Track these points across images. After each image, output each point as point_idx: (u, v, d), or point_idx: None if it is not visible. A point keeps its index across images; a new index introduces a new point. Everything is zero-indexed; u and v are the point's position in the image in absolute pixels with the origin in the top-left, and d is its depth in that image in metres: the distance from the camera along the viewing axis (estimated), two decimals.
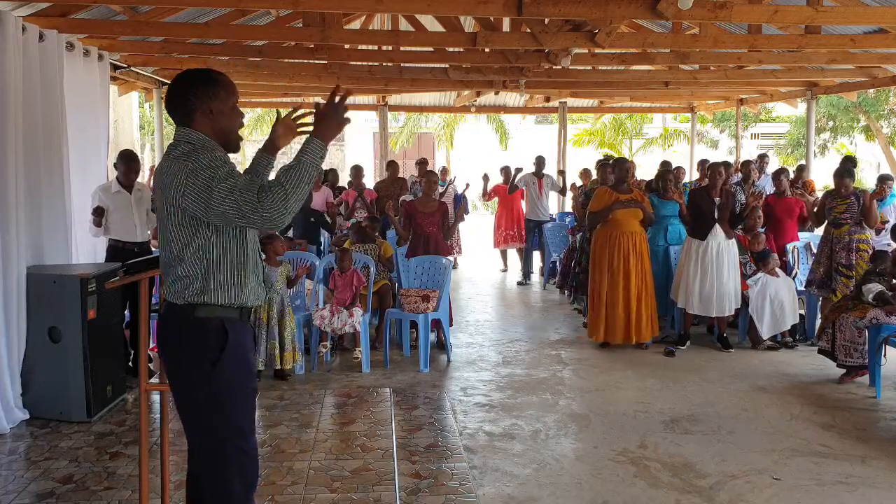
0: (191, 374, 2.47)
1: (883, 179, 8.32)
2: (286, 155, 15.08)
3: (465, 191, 10.63)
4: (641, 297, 6.54)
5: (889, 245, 7.48)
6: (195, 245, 2.42)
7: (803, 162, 11.00)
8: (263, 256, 5.82)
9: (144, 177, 14.25)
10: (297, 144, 2.57)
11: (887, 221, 7.53)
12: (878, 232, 7.04)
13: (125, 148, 6.18)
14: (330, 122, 2.45)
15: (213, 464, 2.50)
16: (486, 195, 11.40)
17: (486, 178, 11.17)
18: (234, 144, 2.58)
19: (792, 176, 8.21)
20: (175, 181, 2.36)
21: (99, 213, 5.58)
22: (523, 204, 10.77)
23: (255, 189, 2.32)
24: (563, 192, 11.31)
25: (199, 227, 2.41)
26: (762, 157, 10.11)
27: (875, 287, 5.52)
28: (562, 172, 11.97)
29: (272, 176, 2.50)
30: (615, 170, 6.99)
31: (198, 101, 2.47)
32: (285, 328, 5.57)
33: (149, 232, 6.20)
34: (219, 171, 2.36)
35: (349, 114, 2.50)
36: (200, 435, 2.52)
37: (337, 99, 2.47)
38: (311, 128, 2.50)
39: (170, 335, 2.52)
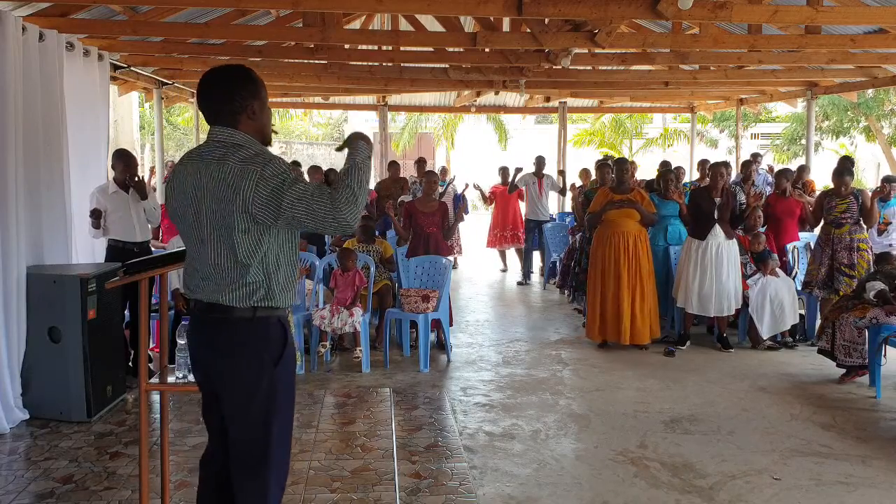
0: (255, 373, 2.45)
1: (888, 181, 8.32)
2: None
3: (464, 191, 10.63)
4: (635, 298, 6.52)
5: (891, 246, 7.49)
6: (262, 251, 2.42)
7: (804, 163, 11.00)
8: None
9: (145, 177, 14.28)
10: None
11: (890, 223, 7.53)
12: (880, 233, 7.04)
13: (121, 147, 6.16)
14: (355, 139, 2.53)
15: (257, 466, 2.48)
16: (487, 199, 11.43)
17: (476, 187, 11.26)
18: (269, 140, 2.59)
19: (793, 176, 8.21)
20: (244, 186, 2.34)
21: (97, 216, 5.57)
22: (522, 205, 10.78)
23: (327, 193, 2.34)
24: (562, 192, 11.32)
25: (265, 233, 2.40)
26: (755, 157, 10.12)
27: (878, 285, 5.52)
28: (561, 172, 11.98)
29: None
30: (614, 170, 6.99)
31: (243, 101, 2.45)
32: None
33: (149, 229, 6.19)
34: (287, 176, 2.36)
35: (351, 114, 2.60)
36: (252, 435, 2.47)
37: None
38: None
39: (230, 337, 2.46)
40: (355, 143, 2.48)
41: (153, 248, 6.33)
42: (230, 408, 2.50)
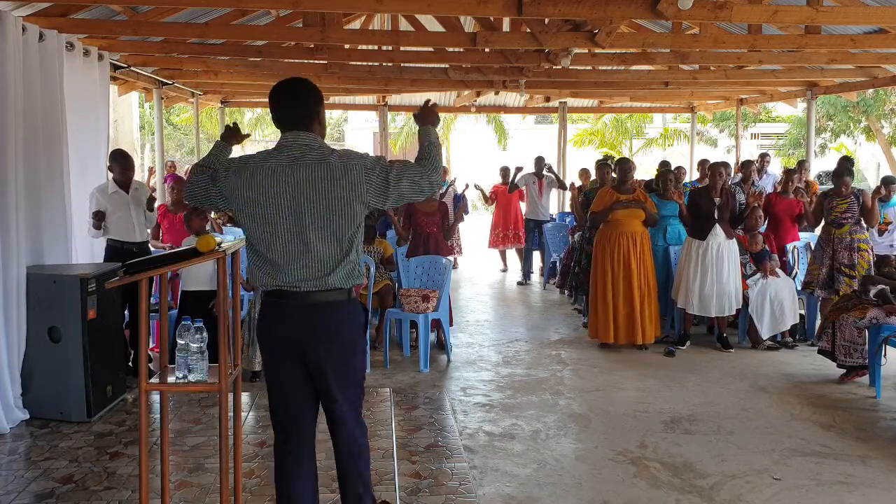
0: (360, 346, 2.90)
1: (887, 182, 8.34)
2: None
3: (464, 191, 10.63)
4: (644, 298, 6.53)
5: (892, 247, 7.51)
6: (358, 237, 2.81)
7: (804, 158, 11.01)
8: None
9: (144, 177, 14.27)
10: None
11: (891, 223, 7.53)
12: (880, 233, 7.04)
13: (117, 148, 6.17)
14: (430, 116, 3.09)
15: (362, 428, 2.98)
16: (488, 199, 11.43)
17: (477, 187, 11.28)
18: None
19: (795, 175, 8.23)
20: (356, 179, 2.71)
21: (99, 217, 5.58)
22: (522, 205, 10.78)
23: (415, 166, 2.86)
24: (562, 185, 11.19)
25: (361, 219, 2.81)
26: (763, 157, 10.12)
27: (880, 284, 5.54)
28: (549, 168, 11.89)
29: None
30: (617, 170, 6.99)
31: (320, 111, 2.84)
32: None
33: (148, 231, 6.20)
34: (382, 161, 2.82)
35: (351, 114, 2.84)
36: (357, 401, 2.93)
37: (429, 104, 3.16)
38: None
39: (342, 316, 2.80)
40: (426, 130, 3.01)
41: (153, 248, 6.33)
42: (340, 382, 2.84)
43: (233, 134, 3.23)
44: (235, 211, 2.83)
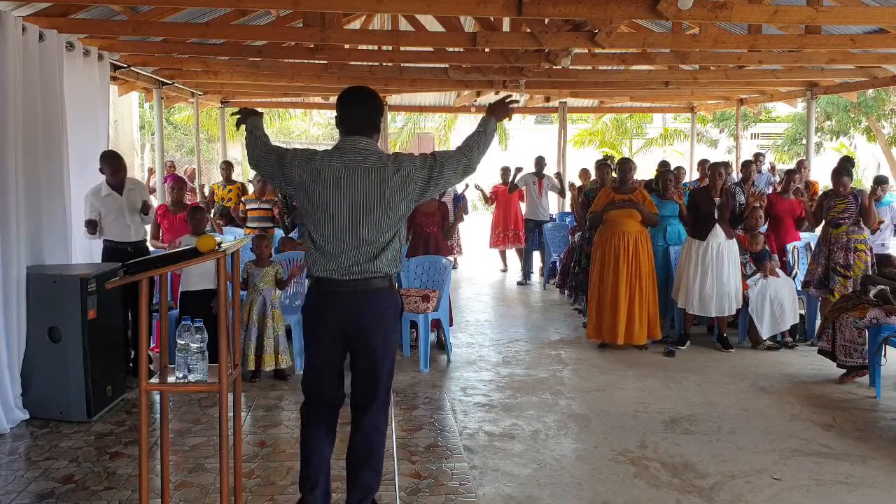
0: (396, 328, 3.29)
1: (879, 181, 8.38)
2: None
3: (464, 191, 10.63)
4: (634, 299, 6.51)
5: (883, 245, 7.54)
6: (403, 227, 3.21)
7: (802, 158, 11.01)
8: (253, 257, 5.79)
9: (144, 177, 14.27)
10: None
11: (882, 221, 7.56)
12: (872, 232, 7.05)
13: (108, 149, 6.14)
14: (501, 110, 3.35)
15: (385, 413, 3.27)
16: (488, 199, 11.44)
17: (477, 187, 11.33)
18: None
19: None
20: (409, 180, 3.07)
21: (91, 226, 5.56)
22: (522, 205, 10.78)
23: (453, 153, 3.19)
24: (562, 192, 11.29)
25: (406, 213, 3.17)
26: (757, 157, 10.13)
27: (880, 284, 5.54)
28: (558, 175, 11.95)
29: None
30: (617, 170, 6.99)
31: (378, 119, 3.21)
32: (266, 330, 5.54)
33: (147, 230, 6.19)
34: (426, 160, 3.12)
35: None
36: (388, 365, 3.22)
37: (507, 100, 3.42)
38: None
39: (386, 301, 3.16)
40: (488, 120, 3.28)
41: (152, 248, 6.33)
42: (378, 365, 3.18)
43: (248, 114, 3.40)
44: (302, 199, 3.15)
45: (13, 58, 4.70)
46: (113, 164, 5.72)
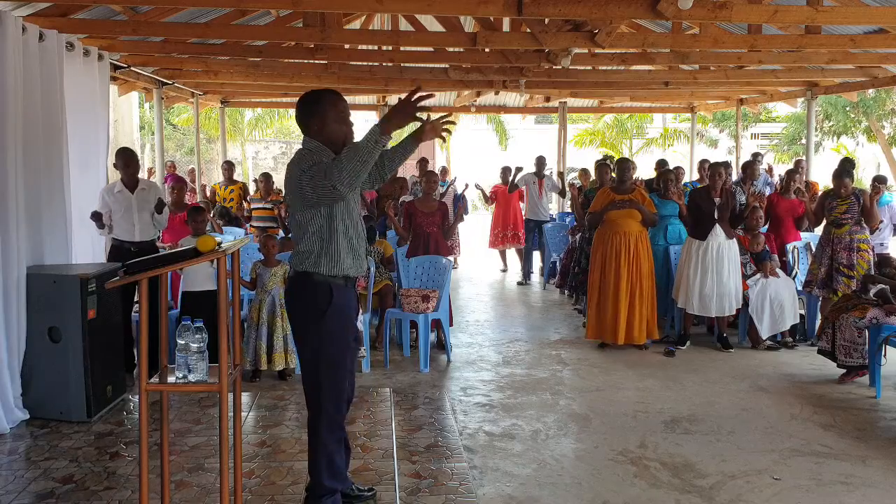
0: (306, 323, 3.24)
1: (878, 181, 8.39)
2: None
3: (465, 191, 10.63)
4: (634, 298, 6.51)
5: (882, 245, 7.54)
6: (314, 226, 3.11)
7: (801, 157, 11.01)
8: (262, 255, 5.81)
9: (143, 177, 14.26)
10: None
11: (881, 221, 7.57)
12: (871, 231, 7.06)
13: (123, 146, 6.19)
14: (395, 113, 2.88)
15: (314, 392, 3.19)
16: (488, 199, 11.45)
17: (478, 186, 11.36)
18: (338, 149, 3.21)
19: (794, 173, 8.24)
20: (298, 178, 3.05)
21: (97, 218, 5.59)
22: (522, 205, 10.78)
23: (327, 167, 2.92)
24: (562, 193, 11.30)
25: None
26: (755, 157, 10.13)
27: (880, 284, 5.54)
28: (561, 174, 11.97)
29: None
30: (616, 170, 6.99)
31: (310, 122, 3.23)
32: (276, 329, 5.56)
33: (158, 232, 6.19)
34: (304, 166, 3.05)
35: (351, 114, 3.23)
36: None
37: (414, 97, 2.85)
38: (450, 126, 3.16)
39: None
40: (373, 127, 2.89)
41: (163, 247, 6.35)
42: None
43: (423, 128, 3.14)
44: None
45: (13, 58, 4.70)
46: (122, 159, 5.79)
